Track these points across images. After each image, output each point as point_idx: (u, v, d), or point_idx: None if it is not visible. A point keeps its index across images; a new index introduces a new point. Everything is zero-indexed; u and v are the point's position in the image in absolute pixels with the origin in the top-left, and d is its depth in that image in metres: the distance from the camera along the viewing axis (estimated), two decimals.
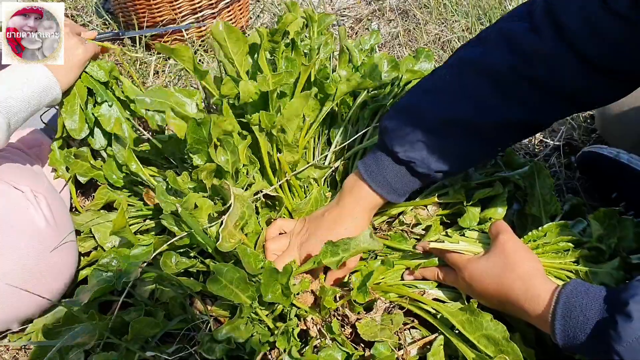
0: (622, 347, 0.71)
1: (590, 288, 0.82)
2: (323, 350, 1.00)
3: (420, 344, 1.07)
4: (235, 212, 1.02)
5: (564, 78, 0.91)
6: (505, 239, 0.97)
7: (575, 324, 0.80)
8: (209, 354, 0.98)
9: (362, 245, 1.01)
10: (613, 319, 0.74)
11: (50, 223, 1.14)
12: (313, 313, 1.07)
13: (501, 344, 0.91)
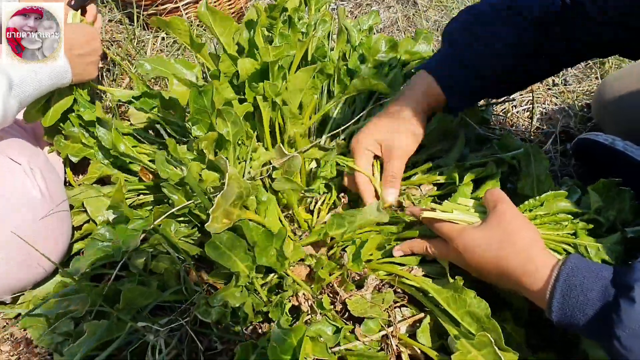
0: (624, 333, 0.69)
1: (591, 266, 0.79)
2: (313, 324, 1.01)
3: (410, 321, 1.08)
4: (231, 192, 0.99)
5: None
6: (504, 209, 0.92)
7: (575, 303, 0.77)
8: (204, 317, 0.99)
9: (369, 217, 1.00)
10: (616, 303, 0.71)
11: (45, 196, 1.14)
12: (305, 288, 1.08)
13: (483, 321, 0.91)
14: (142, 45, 2.06)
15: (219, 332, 1.04)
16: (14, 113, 1.10)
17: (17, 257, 1.09)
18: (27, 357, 1.09)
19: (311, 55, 1.35)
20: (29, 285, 1.17)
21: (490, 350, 0.88)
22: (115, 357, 1.02)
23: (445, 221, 0.98)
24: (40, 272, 1.16)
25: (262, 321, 1.07)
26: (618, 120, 1.46)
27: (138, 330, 1.01)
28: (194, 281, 1.09)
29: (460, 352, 0.91)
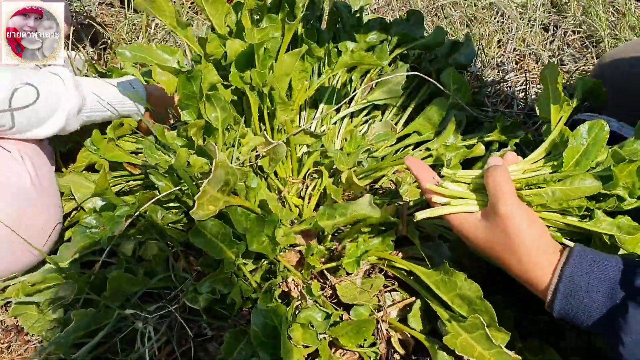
0: (630, 339, 0.67)
1: (596, 262, 0.75)
2: (303, 311, 1.00)
3: (400, 305, 1.08)
4: (218, 178, 0.97)
5: None
6: (507, 213, 0.81)
7: (579, 304, 0.74)
8: (193, 303, 0.98)
9: (361, 211, 0.99)
10: (624, 306, 0.69)
11: (35, 182, 1.13)
12: (295, 274, 1.07)
13: (475, 303, 0.90)
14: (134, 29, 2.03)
15: (209, 319, 1.04)
16: (72, 130, 1.16)
17: (7, 245, 1.08)
18: (18, 345, 1.09)
19: (301, 38, 1.33)
20: (20, 272, 1.17)
21: (482, 333, 0.88)
22: (104, 344, 1.02)
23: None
24: (32, 259, 1.15)
25: (251, 307, 1.06)
26: (613, 101, 1.44)
27: (127, 318, 1.01)
28: (182, 268, 1.08)
29: (451, 335, 0.90)
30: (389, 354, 1.04)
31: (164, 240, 1.07)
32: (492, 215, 0.83)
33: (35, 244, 1.12)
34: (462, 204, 0.87)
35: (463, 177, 0.90)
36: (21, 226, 1.08)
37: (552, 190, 0.85)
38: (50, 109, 1.09)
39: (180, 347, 1.03)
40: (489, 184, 0.84)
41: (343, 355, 1.04)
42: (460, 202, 0.87)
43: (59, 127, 1.11)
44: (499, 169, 0.84)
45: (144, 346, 0.99)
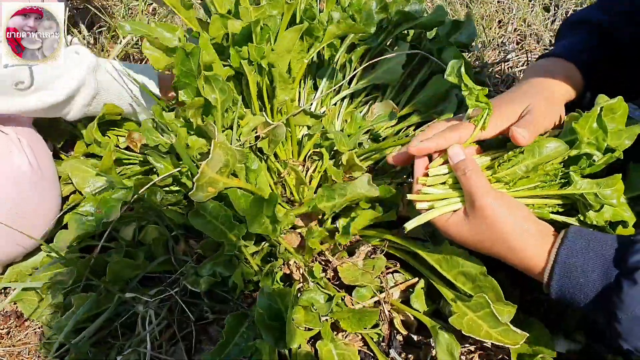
0: (625, 316, 0.68)
1: (590, 242, 0.76)
2: (305, 293, 1.00)
3: (403, 287, 1.07)
4: (217, 159, 0.96)
5: None
6: (483, 203, 0.80)
7: (575, 285, 0.74)
8: (194, 287, 0.98)
9: (359, 191, 0.97)
10: (618, 285, 0.69)
11: (34, 166, 1.12)
12: (296, 256, 1.06)
13: (479, 280, 0.89)
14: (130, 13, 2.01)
15: (210, 302, 1.04)
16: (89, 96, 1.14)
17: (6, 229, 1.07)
18: (17, 330, 1.08)
19: (299, 18, 1.31)
20: (20, 257, 1.16)
21: (487, 311, 0.87)
22: (105, 328, 1.01)
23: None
24: (31, 244, 1.14)
25: (253, 290, 1.06)
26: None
27: (127, 302, 1.00)
28: (182, 251, 1.07)
29: (456, 315, 0.89)
30: (392, 335, 1.03)
31: (164, 223, 1.06)
32: (471, 211, 0.82)
33: (35, 228, 1.11)
34: (445, 204, 0.86)
35: (436, 176, 0.88)
36: (21, 210, 1.07)
37: (525, 165, 0.84)
38: (69, 68, 1.09)
39: (182, 330, 1.03)
40: (461, 179, 0.83)
41: (346, 337, 1.04)
42: (442, 202, 0.86)
43: (75, 83, 1.10)
44: (466, 162, 0.83)
45: (144, 330, 0.98)
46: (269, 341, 0.88)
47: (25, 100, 1.05)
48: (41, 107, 1.08)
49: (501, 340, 0.87)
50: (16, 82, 1.01)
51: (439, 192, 0.87)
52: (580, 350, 0.98)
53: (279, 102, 1.19)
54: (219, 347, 0.90)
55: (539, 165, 0.85)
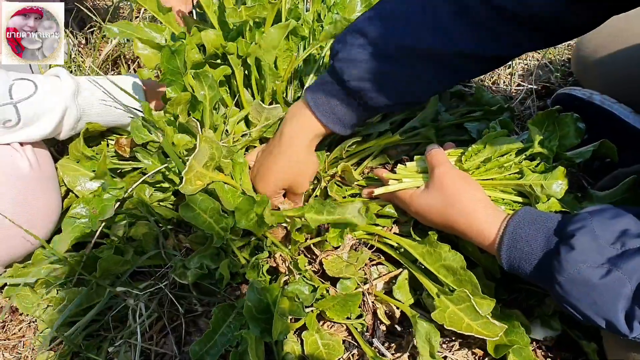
0: (563, 278, 0.74)
1: (537, 218, 0.83)
2: (290, 285, 1.03)
3: (386, 278, 1.10)
4: (203, 153, 0.99)
5: (533, 6, 0.83)
6: (441, 172, 0.95)
7: (521, 254, 0.81)
8: (181, 279, 1.00)
9: (347, 216, 1.00)
10: (557, 250, 0.76)
11: (35, 168, 1.13)
12: (283, 249, 1.09)
13: (459, 273, 0.93)
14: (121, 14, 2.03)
15: (198, 295, 1.06)
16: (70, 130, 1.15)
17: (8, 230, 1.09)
18: (12, 324, 1.11)
19: (285, 18, 1.33)
20: (20, 257, 1.17)
21: (469, 305, 0.91)
22: (97, 321, 1.04)
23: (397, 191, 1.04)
24: (33, 245, 1.16)
25: (240, 282, 1.09)
26: (596, 74, 1.46)
27: (118, 296, 1.03)
28: (172, 245, 1.10)
29: (439, 310, 0.93)
30: (375, 325, 1.06)
31: (153, 218, 1.09)
32: (431, 182, 0.97)
33: (37, 229, 1.12)
34: (411, 181, 1.03)
35: (411, 165, 1.07)
36: (23, 213, 1.08)
37: (485, 156, 1.01)
38: (52, 101, 1.09)
39: (171, 322, 1.06)
40: (428, 159, 1.01)
41: (331, 328, 1.07)
42: (409, 179, 1.04)
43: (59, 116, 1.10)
44: (436, 149, 1.02)
45: (135, 322, 1.01)
46: (256, 332, 0.91)
47: (14, 135, 1.07)
48: (31, 140, 1.10)
49: (481, 332, 0.91)
50: (4, 121, 1.03)
51: (409, 174, 1.05)
52: (556, 337, 1.02)
53: (268, 94, 1.22)
54: (206, 337, 0.93)
55: (494, 156, 1.01)
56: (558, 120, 1.07)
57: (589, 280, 0.71)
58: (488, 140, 1.02)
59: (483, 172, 1.02)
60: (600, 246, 0.72)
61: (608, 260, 0.71)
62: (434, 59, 0.91)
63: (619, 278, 0.69)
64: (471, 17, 0.87)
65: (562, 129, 1.06)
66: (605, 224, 0.74)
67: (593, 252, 0.72)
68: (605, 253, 0.71)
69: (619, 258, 0.70)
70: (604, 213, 0.76)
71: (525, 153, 1.02)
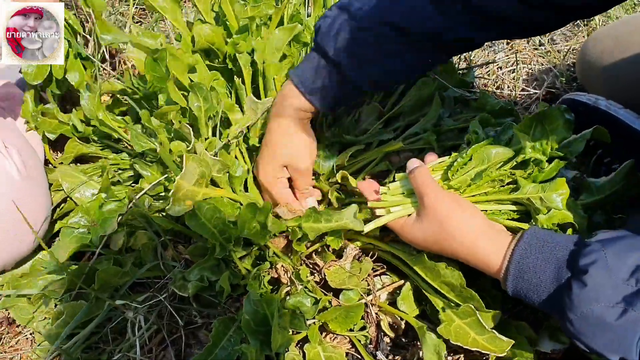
0: (575, 316, 0.71)
1: (545, 244, 0.78)
2: (292, 297, 1.01)
3: (390, 289, 1.08)
4: (191, 172, 0.97)
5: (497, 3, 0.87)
6: (432, 201, 0.87)
7: (528, 285, 0.78)
8: (181, 291, 0.99)
9: (344, 222, 0.99)
10: (568, 286, 0.72)
11: (23, 174, 1.12)
12: (284, 259, 1.07)
13: (459, 290, 0.92)
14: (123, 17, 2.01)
15: (198, 307, 1.05)
16: None
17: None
18: (9, 337, 1.09)
19: (287, 23, 1.32)
20: (10, 265, 1.16)
21: (474, 319, 0.89)
22: (96, 334, 1.02)
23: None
24: (23, 251, 1.15)
25: (241, 294, 1.07)
26: (601, 79, 1.44)
27: (117, 308, 1.01)
28: (171, 256, 1.09)
29: (445, 324, 0.91)
30: (379, 337, 1.04)
31: (152, 229, 1.07)
32: (423, 211, 0.89)
33: (25, 236, 1.11)
34: (399, 209, 0.94)
35: (395, 186, 0.98)
36: (11, 219, 1.07)
37: (475, 172, 0.93)
38: None
39: (171, 335, 1.04)
40: (413, 184, 0.92)
41: (333, 340, 1.05)
42: (397, 208, 0.95)
43: None
44: (419, 169, 0.92)
45: (134, 335, 0.99)
46: (256, 346, 0.89)
47: None
48: None
49: (488, 348, 0.89)
50: None
51: (396, 199, 0.96)
52: (564, 350, 1.00)
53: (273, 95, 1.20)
54: (206, 351, 0.92)
55: (486, 171, 0.94)
56: (545, 116, 0.98)
57: (604, 320, 0.68)
58: (474, 152, 0.95)
59: (475, 189, 0.95)
60: (614, 283, 0.69)
61: (623, 299, 0.67)
62: (406, 38, 0.94)
63: (636, 319, 0.66)
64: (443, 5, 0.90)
65: (550, 123, 0.97)
66: (619, 257, 0.71)
67: (606, 290, 0.69)
68: (620, 291, 0.68)
69: (635, 296, 0.67)
70: (618, 244, 0.73)
71: (516, 160, 0.94)
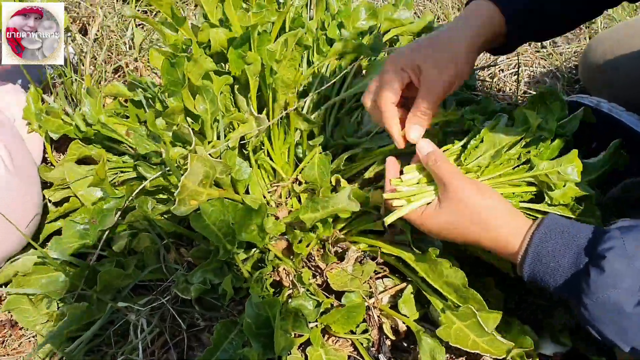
0: (591, 301, 0.70)
1: (564, 230, 0.78)
2: (294, 300, 1.01)
3: (392, 292, 1.08)
4: (196, 172, 0.96)
5: None
6: (455, 186, 0.85)
7: (546, 269, 0.77)
8: (184, 294, 0.99)
9: (340, 205, 0.99)
10: (586, 271, 0.72)
11: (10, 170, 1.11)
12: (286, 262, 1.08)
13: (461, 291, 0.91)
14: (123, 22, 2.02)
15: (200, 310, 1.05)
16: None
17: None
18: (12, 339, 1.09)
19: (289, 27, 1.32)
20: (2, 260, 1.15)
21: (474, 321, 0.89)
22: (98, 337, 1.02)
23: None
24: (12, 247, 1.13)
25: (243, 297, 1.07)
26: (603, 81, 1.44)
27: (120, 310, 1.01)
28: (173, 259, 1.09)
29: (444, 326, 0.91)
30: (381, 340, 1.04)
31: (155, 231, 1.08)
32: (445, 196, 0.86)
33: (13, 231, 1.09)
34: (418, 198, 0.90)
35: (408, 178, 0.93)
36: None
37: (489, 154, 0.94)
38: None
39: (173, 338, 1.04)
40: (432, 169, 0.88)
41: (336, 343, 1.05)
42: (416, 197, 0.90)
43: None
44: (434, 153, 0.89)
45: (137, 338, 0.99)
46: (258, 349, 0.89)
47: None
48: None
49: (488, 350, 0.89)
50: None
51: (412, 189, 0.91)
52: (566, 352, 1.00)
53: (279, 105, 1.21)
54: (208, 353, 0.92)
55: (501, 150, 0.95)
56: (545, 96, 1.05)
57: (620, 308, 0.68)
58: (485, 134, 0.96)
59: (492, 169, 0.95)
60: (632, 271, 0.68)
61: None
62: None
63: None
64: None
65: (551, 102, 1.05)
66: (638, 245, 0.70)
67: (625, 278, 0.68)
68: (638, 280, 0.68)
69: None
70: (636, 231, 0.72)
71: (525, 139, 0.97)
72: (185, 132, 1.01)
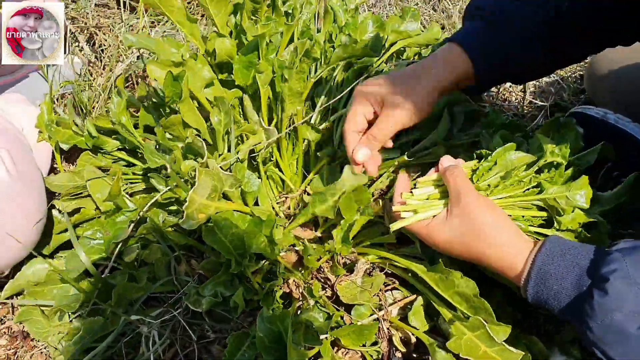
0: (596, 324, 0.71)
1: (566, 251, 0.79)
2: (304, 312, 1.02)
3: (402, 304, 1.09)
4: (204, 185, 0.97)
5: None
6: (468, 200, 0.87)
7: (549, 292, 0.78)
8: (195, 307, 1.00)
9: (348, 184, 0.98)
10: (590, 294, 0.72)
11: (13, 176, 1.11)
12: (296, 274, 1.08)
13: (472, 300, 0.92)
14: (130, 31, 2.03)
15: (211, 322, 1.06)
16: None
17: None
18: (24, 350, 1.10)
19: (297, 39, 1.33)
20: (6, 268, 1.14)
21: (484, 331, 0.89)
22: (110, 348, 1.03)
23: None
24: (16, 256, 1.12)
25: (254, 309, 1.08)
26: (609, 92, 1.45)
27: (131, 322, 1.02)
28: (184, 271, 1.09)
29: (455, 338, 0.91)
30: (391, 352, 1.05)
31: (166, 244, 1.08)
32: (455, 209, 0.89)
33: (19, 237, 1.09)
34: (426, 210, 0.93)
35: (419, 192, 0.96)
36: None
37: (500, 175, 0.96)
38: None
39: (184, 349, 1.05)
40: (450, 182, 0.91)
41: (345, 355, 1.06)
42: (424, 208, 0.93)
43: None
44: (456, 168, 0.92)
45: (148, 350, 1.00)
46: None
47: None
48: None
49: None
50: None
51: (421, 203, 0.94)
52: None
53: (287, 116, 1.22)
54: None
55: (511, 172, 0.96)
56: (561, 125, 1.08)
57: (624, 330, 0.69)
58: (498, 157, 0.97)
59: (502, 189, 0.97)
60: (635, 293, 0.69)
61: None
62: None
63: None
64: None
65: (566, 132, 1.08)
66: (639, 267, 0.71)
67: (628, 299, 0.69)
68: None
69: None
70: (638, 253, 0.73)
71: (538, 164, 0.99)
72: (198, 145, 1.02)
